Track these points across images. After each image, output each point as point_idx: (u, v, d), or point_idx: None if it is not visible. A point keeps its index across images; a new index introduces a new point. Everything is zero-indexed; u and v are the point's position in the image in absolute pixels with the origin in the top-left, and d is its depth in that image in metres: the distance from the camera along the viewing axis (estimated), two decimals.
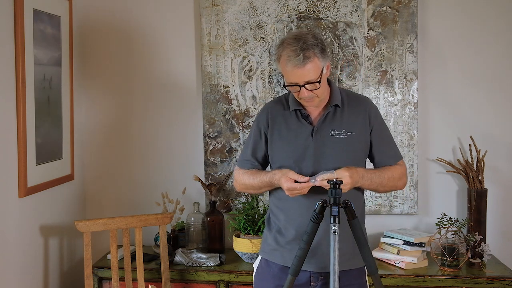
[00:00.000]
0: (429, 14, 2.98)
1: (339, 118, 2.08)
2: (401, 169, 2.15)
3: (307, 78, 1.95)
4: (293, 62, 1.94)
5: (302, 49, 1.93)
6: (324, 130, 2.06)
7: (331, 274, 1.77)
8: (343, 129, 2.06)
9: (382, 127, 2.16)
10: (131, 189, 3.24)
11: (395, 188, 2.17)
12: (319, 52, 1.96)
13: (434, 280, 2.65)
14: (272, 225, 2.16)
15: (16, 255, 2.56)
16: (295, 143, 2.07)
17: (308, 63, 1.93)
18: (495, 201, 2.96)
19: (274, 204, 2.16)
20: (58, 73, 2.90)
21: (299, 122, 2.10)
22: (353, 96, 2.18)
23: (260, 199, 3.02)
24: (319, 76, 1.96)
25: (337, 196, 1.81)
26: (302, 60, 1.92)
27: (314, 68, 1.95)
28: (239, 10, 3.06)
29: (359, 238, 1.88)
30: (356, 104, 2.12)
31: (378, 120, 2.14)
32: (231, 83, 3.10)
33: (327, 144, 2.04)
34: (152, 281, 2.80)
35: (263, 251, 2.19)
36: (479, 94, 2.98)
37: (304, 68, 1.94)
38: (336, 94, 2.10)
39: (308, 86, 1.96)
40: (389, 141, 2.18)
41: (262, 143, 2.17)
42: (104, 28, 3.20)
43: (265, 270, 2.16)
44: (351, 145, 2.06)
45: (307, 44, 1.94)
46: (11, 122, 2.52)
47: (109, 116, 3.23)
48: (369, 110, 2.12)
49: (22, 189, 2.56)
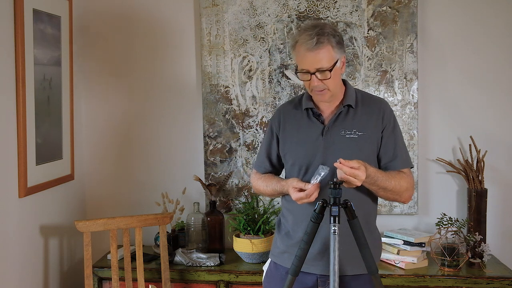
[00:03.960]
0: (429, 14, 2.98)
1: (351, 118, 2.05)
2: (408, 179, 2.05)
3: (319, 64, 1.93)
4: (306, 45, 1.92)
5: (317, 34, 1.92)
6: (334, 130, 2.03)
7: (331, 275, 1.77)
8: (354, 129, 2.02)
9: (395, 128, 2.09)
10: (131, 189, 3.24)
11: (398, 198, 2.05)
12: (334, 42, 1.94)
13: (434, 280, 2.65)
14: (282, 228, 2.15)
15: (16, 255, 2.56)
16: (306, 142, 2.05)
17: (321, 49, 1.92)
18: (495, 201, 2.96)
19: (284, 206, 2.16)
20: (58, 73, 2.90)
21: (310, 121, 2.08)
22: (369, 96, 2.14)
23: (260, 199, 3.02)
24: (332, 66, 1.94)
25: (337, 196, 1.81)
26: (315, 43, 1.91)
27: (327, 55, 1.93)
28: (239, 10, 3.06)
29: (359, 238, 1.87)
30: (370, 105, 2.08)
31: (391, 121, 2.08)
32: (231, 83, 3.10)
33: (337, 144, 2.01)
34: (152, 281, 2.80)
35: (272, 254, 2.19)
36: (479, 94, 2.98)
37: (316, 52, 1.92)
38: (351, 94, 2.07)
39: (319, 74, 1.94)
40: (400, 143, 2.09)
41: (275, 144, 2.17)
42: (104, 28, 3.20)
43: (273, 273, 2.15)
44: (361, 145, 2.02)
45: (323, 31, 1.93)
46: (11, 122, 2.52)
47: (109, 116, 3.23)
48: (383, 110, 2.07)
49: (22, 189, 2.56)
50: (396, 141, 2.08)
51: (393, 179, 2.00)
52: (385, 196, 2.05)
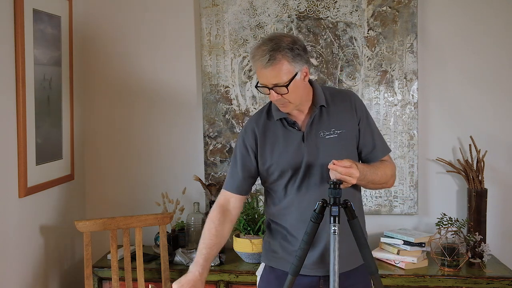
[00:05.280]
0: (429, 14, 2.98)
1: (326, 118, 2.03)
2: (391, 166, 2.08)
3: (275, 80, 1.89)
4: (260, 62, 1.88)
5: (270, 50, 1.86)
6: (313, 133, 2.01)
7: (331, 275, 1.77)
8: (333, 129, 2.01)
9: (369, 118, 2.09)
10: (131, 189, 3.24)
11: (385, 186, 2.09)
12: (290, 56, 1.88)
13: (434, 280, 2.65)
14: (275, 233, 2.11)
15: (16, 255, 2.56)
16: (289, 152, 2.02)
17: (275, 65, 1.86)
18: (495, 201, 2.96)
19: (273, 214, 2.10)
20: (58, 73, 2.90)
21: (287, 130, 2.04)
22: (337, 92, 2.12)
23: (260, 199, 3.02)
24: (289, 80, 1.88)
25: (337, 196, 1.81)
26: (268, 60, 1.86)
27: (282, 71, 1.87)
28: (239, 10, 3.06)
29: (359, 238, 1.87)
30: (341, 100, 2.06)
31: (364, 111, 2.07)
32: (231, 83, 3.10)
33: (319, 147, 2.00)
34: (152, 281, 2.80)
35: (267, 259, 2.14)
36: (479, 94, 2.98)
37: (270, 69, 1.87)
38: (320, 94, 2.04)
39: (277, 89, 1.90)
40: (376, 132, 2.10)
41: (253, 160, 2.09)
42: (104, 28, 3.20)
43: (269, 275, 2.12)
44: (343, 143, 2.01)
45: (278, 45, 1.87)
46: (11, 122, 2.52)
47: (109, 116, 3.23)
48: (354, 103, 2.06)
49: (22, 189, 2.56)
50: (373, 131, 2.08)
51: (378, 170, 2.01)
52: (374, 187, 2.08)
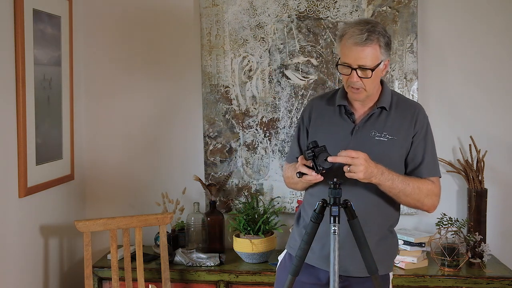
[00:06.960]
0: (429, 14, 2.98)
1: (383, 120, 2.01)
2: (431, 186, 1.99)
3: (362, 61, 1.89)
4: (355, 39, 1.88)
5: (368, 30, 1.88)
6: (365, 130, 2.00)
7: (331, 275, 1.77)
8: (385, 132, 1.99)
9: (427, 135, 2.02)
10: (131, 189, 3.24)
11: (420, 204, 2.00)
12: (383, 43, 1.91)
13: (434, 280, 2.65)
14: (301, 221, 2.14)
15: (16, 255, 2.56)
16: (335, 140, 2.01)
17: (369, 46, 1.88)
18: (495, 201, 2.96)
19: (306, 200, 2.13)
20: (58, 73, 2.90)
21: (341, 118, 2.05)
22: (404, 100, 2.09)
23: (260, 199, 3.02)
24: (375, 66, 1.90)
25: (337, 196, 1.81)
26: (365, 39, 1.87)
27: (373, 54, 1.89)
28: (239, 10, 3.06)
29: (359, 238, 1.87)
30: (405, 108, 2.03)
31: (424, 127, 2.02)
32: (231, 83, 3.10)
33: (365, 145, 1.97)
34: (152, 281, 2.80)
35: (289, 246, 2.18)
36: (479, 94, 2.98)
37: (362, 48, 1.88)
38: (386, 96, 2.03)
39: (359, 71, 1.90)
40: (429, 151, 2.02)
41: (304, 136, 2.14)
42: (104, 28, 3.20)
43: (287, 264, 2.14)
44: (389, 149, 1.97)
45: (375, 29, 1.90)
46: (11, 122, 2.52)
47: (109, 116, 3.23)
48: (417, 115, 2.01)
49: (22, 189, 2.56)
50: (426, 148, 2.01)
51: (411, 181, 1.95)
52: (406, 201, 1.99)
